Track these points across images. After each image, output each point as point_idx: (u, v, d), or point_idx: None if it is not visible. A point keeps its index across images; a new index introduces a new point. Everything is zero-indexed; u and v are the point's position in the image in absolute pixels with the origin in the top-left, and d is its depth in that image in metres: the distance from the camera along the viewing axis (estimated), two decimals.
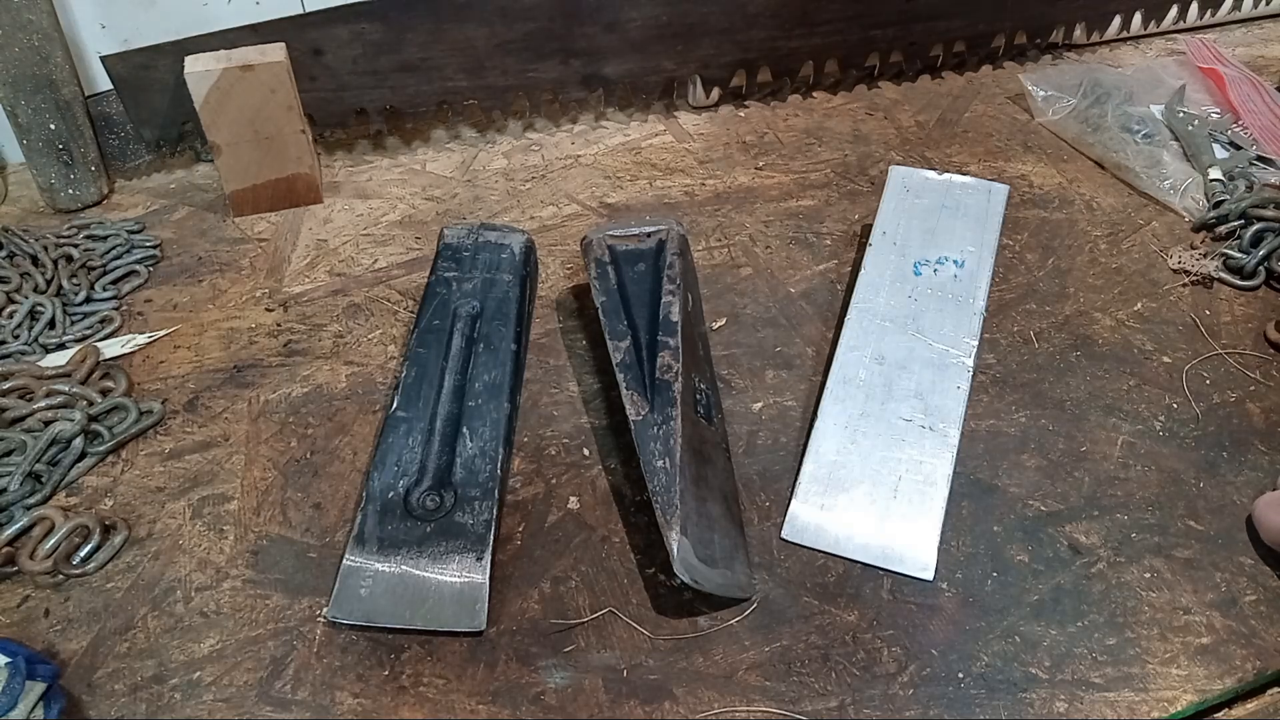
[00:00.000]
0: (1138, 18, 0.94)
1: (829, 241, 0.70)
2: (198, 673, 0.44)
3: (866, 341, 0.57)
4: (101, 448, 0.55)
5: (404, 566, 0.46)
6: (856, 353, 0.56)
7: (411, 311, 0.64)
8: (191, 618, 0.47)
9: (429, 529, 0.48)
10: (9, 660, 0.41)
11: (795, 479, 0.51)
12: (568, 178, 0.78)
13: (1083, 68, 0.88)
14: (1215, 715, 0.43)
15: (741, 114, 0.87)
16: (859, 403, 0.54)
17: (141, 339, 0.63)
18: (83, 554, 0.49)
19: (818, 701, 0.42)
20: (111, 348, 0.62)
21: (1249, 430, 0.54)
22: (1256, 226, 0.66)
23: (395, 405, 0.53)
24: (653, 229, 0.61)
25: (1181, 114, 0.79)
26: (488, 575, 0.46)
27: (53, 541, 0.49)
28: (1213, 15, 0.96)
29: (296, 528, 0.51)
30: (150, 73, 0.74)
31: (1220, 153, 0.76)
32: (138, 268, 0.69)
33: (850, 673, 0.43)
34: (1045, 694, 0.42)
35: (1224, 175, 0.72)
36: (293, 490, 0.53)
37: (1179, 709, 0.42)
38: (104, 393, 0.58)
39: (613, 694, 0.43)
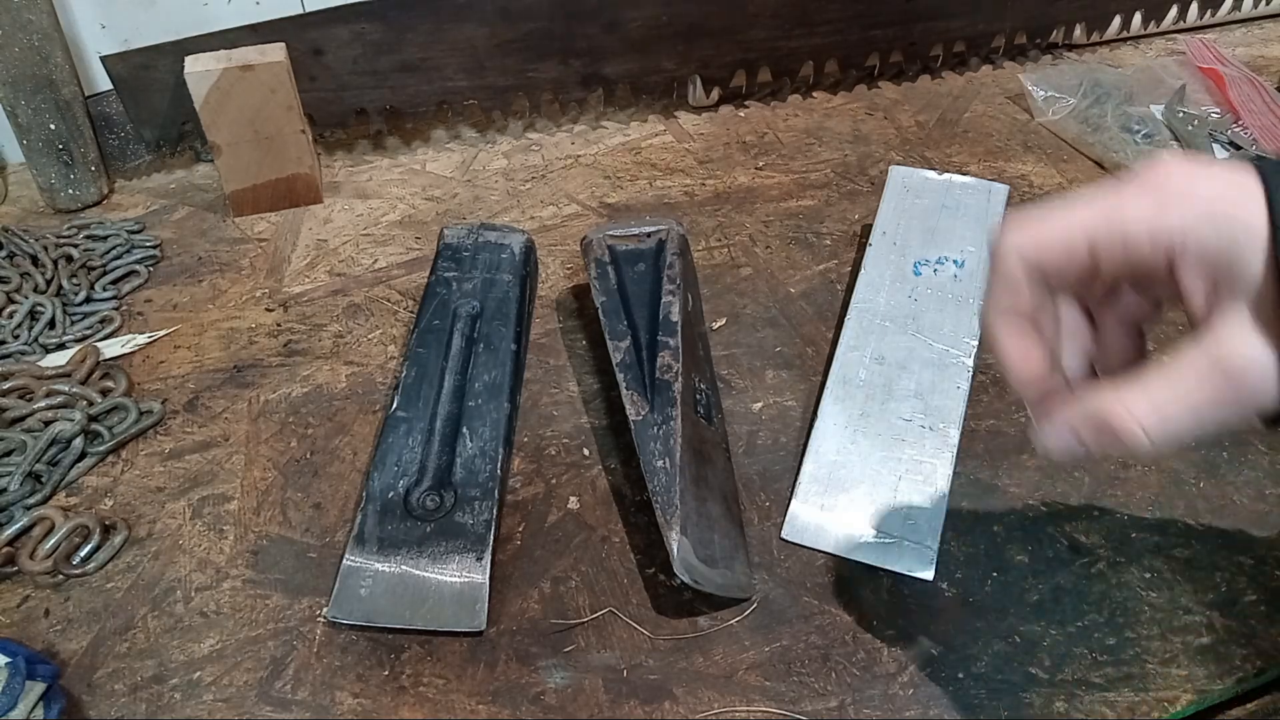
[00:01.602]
0: (1138, 18, 0.94)
1: (829, 241, 0.70)
2: (198, 673, 0.44)
3: (866, 341, 0.57)
4: (101, 448, 0.55)
5: (404, 566, 0.46)
6: (856, 353, 0.56)
7: (411, 311, 0.64)
8: (191, 618, 0.47)
9: (429, 529, 0.48)
10: (9, 660, 0.41)
11: (795, 479, 0.51)
12: (568, 178, 0.78)
13: (1083, 68, 0.88)
14: (1215, 715, 0.43)
15: (741, 114, 0.87)
16: (859, 403, 0.54)
17: (141, 339, 0.63)
18: (83, 554, 0.49)
19: (818, 701, 0.42)
20: (111, 348, 0.62)
21: (1249, 430, 0.54)
22: None
23: (395, 405, 0.53)
24: (653, 229, 0.61)
25: (1181, 114, 0.79)
26: (488, 575, 0.46)
27: (53, 541, 0.49)
28: (1213, 15, 0.97)
29: (296, 528, 0.51)
30: (150, 73, 0.74)
31: (1220, 153, 0.76)
32: (138, 268, 0.69)
33: (850, 673, 0.43)
34: (1045, 694, 0.42)
35: None
36: (293, 490, 0.53)
37: (1179, 709, 0.42)
38: (104, 393, 0.58)
39: (613, 694, 0.43)
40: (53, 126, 0.73)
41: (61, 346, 0.62)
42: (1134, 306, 0.32)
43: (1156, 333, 0.61)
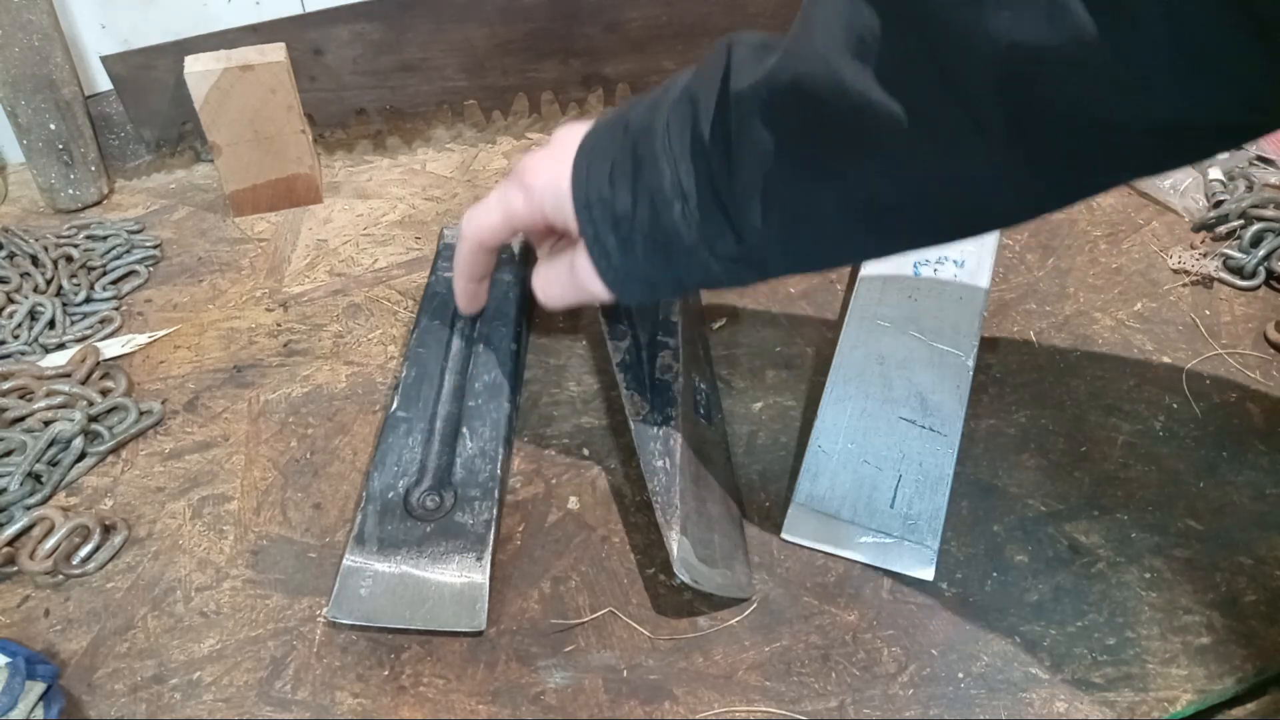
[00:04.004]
0: None
1: None
2: (198, 673, 0.44)
3: (866, 341, 0.57)
4: (101, 448, 0.55)
5: (404, 567, 0.46)
6: (856, 352, 0.56)
7: (411, 311, 0.64)
8: (191, 618, 0.47)
9: (429, 529, 0.48)
10: (9, 660, 0.41)
11: (795, 479, 0.51)
12: None
13: None
14: (1215, 715, 0.43)
15: None
16: (859, 403, 0.54)
17: (141, 339, 0.63)
18: (83, 554, 0.49)
19: (818, 701, 0.42)
20: (111, 348, 0.62)
21: (1249, 430, 0.54)
22: (1256, 226, 0.66)
23: (395, 405, 0.53)
24: None
25: None
26: (488, 575, 0.46)
27: (53, 541, 0.49)
28: None
29: (296, 528, 0.51)
30: (150, 73, 0.74)
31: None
32: (138, 268, 0.69)
33: (850, 673, 0.43)
34: (1045, 694, 0.42)
35: (1224, 175, 0.72)
36: (293, 490, 0.53)
37: (1179, 709, 0.42)
38: (104, 393, 0.58)
39: (613, 694, 0.43)
40: (53, 126, 0.73)
41: (61, 346, 0.62)
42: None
43: (1155, 332, 0.61)
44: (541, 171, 0.44)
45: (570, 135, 0.45)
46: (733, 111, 0.37)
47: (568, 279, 0.45)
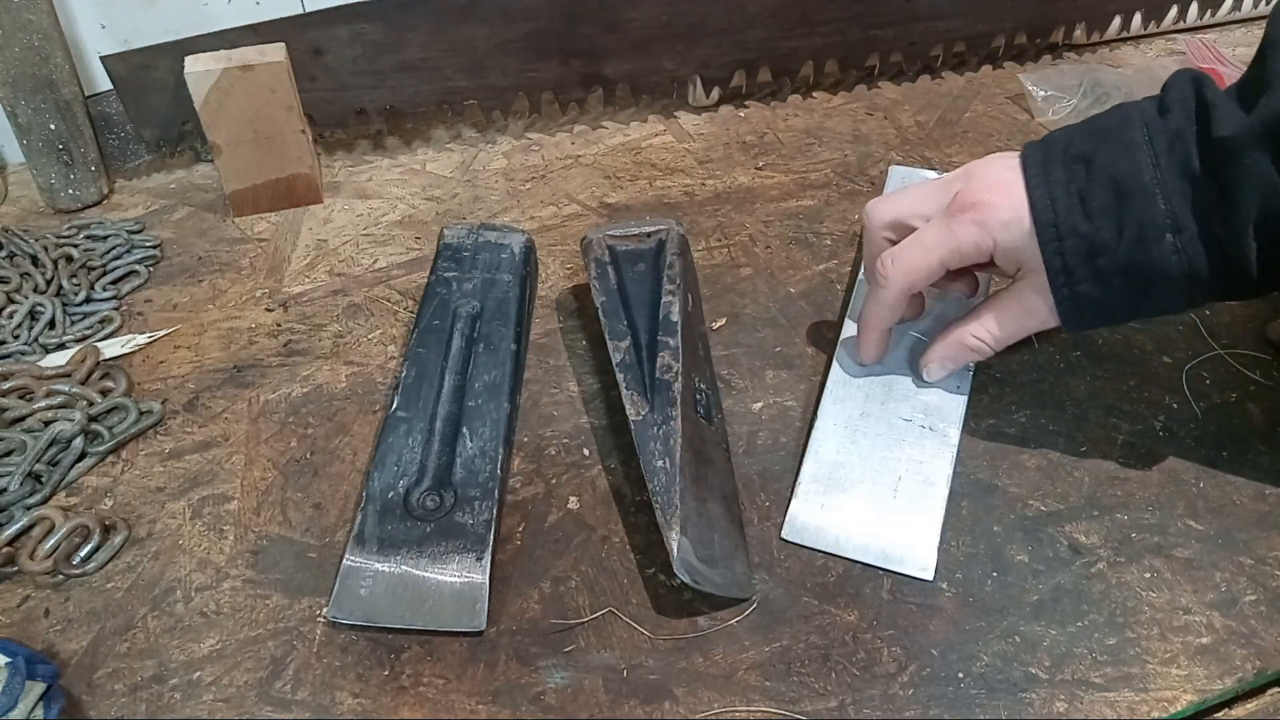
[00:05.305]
0: (1138, 18, 0.94)
1: (829, 241, 0.70)
2: (198, 673, 0.44)
3: None
4: (101, 448, 0.55)
5: (404, 566, 0.46)
6: (857, 352, 0.56)
7: (411, 311, 0.64)
8: (191, 618, 0.47)
9: (429, 529, 0.48)
10: (9, 660, 0.41)
11: (795, 479, 0.51)
12: (568, 178, 0.79)
13: (1083, 68, 0.88)
14: (1215, 715, 0.43)
15: (741, 114, 0.87)
16: (859, 403, 0.54)
17: (141, 339, 0.63)
18: (83, 554, 0.49)
19: (818, 701, 0.42)
20: (111, 348, 0.62)
21: (1249, 430, 0.54)
22: None
23: (395, 405, 0.53)
24: (653, 229, 0.61)
25: None
26: (488, 575, 0.46)
27: (53, 541, 0.49)
28: (1213, 15, 0.97)
29: (296, 528, 0.51)
30: (150, 73, 0.74)
31: None
32: (138, 268, 0.69)
33: (850, 673, 0.43)
34: (1045, 694, 0.42)
35: None
36: (293, 490, 0.53)
37: (1179, 709, 0.42)
38: (104, 393, 0.58)
39: (613, 694, 0.43)
40: (53, 126, 0.73)
41: (61, 346, 0.62)
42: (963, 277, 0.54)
43: (1155, 332, 0.61)
44: (999, 207, 0.45)
45: (998, 172, 0.46)
46: (1222, 153, 0.40)
47: (1017, 315, 0.48)
